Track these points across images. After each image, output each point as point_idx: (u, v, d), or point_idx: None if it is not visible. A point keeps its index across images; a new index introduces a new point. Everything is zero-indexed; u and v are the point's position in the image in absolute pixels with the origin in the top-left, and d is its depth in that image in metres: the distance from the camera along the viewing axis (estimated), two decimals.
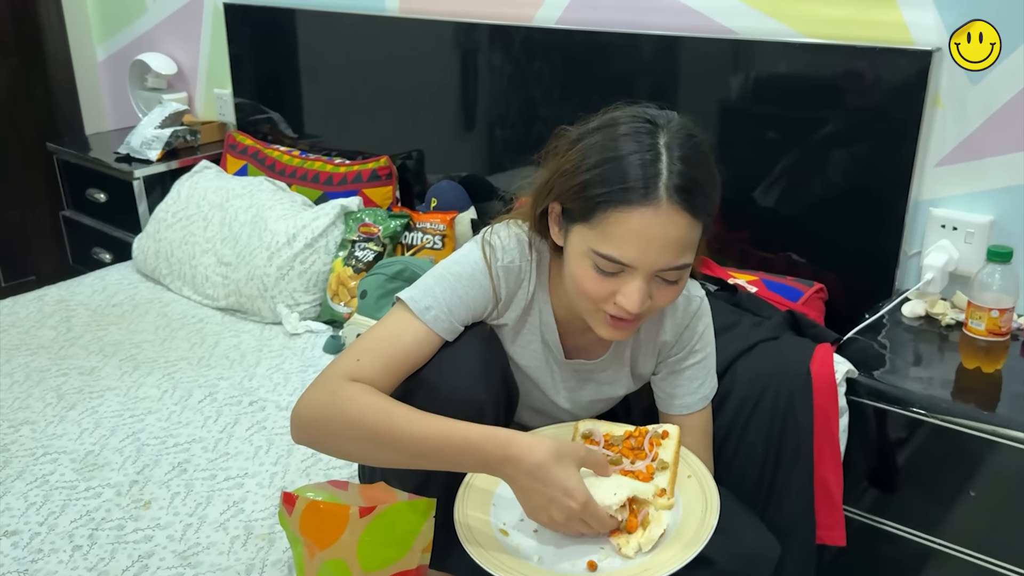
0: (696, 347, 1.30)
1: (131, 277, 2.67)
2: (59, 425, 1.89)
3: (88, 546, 1.52)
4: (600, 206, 1.05)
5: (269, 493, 1.66)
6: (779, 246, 1.87)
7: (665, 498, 1.14)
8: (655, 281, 1.09)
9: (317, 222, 2.30)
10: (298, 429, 1.15)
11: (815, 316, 1.71)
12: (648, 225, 1.03)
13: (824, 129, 1.74)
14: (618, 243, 1.05)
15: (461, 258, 1.23)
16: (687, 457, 1.23)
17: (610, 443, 1.24)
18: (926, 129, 1.63)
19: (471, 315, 1.21)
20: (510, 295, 1.24)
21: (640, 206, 1.03)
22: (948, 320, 1.59)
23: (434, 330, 1.17)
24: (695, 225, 1.06)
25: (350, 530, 1.09)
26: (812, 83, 1.74)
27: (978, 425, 1.31)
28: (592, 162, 1.07)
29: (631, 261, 1.06)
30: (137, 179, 2.76)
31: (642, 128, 1.07)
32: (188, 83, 3.11)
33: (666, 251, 1.05)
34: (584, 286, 1.11)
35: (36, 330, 2.33)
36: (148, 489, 1.68)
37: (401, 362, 1.16)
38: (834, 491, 1.39)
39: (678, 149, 1.05)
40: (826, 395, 1.39)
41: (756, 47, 1.79)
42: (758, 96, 1.83)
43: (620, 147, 1.06)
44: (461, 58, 2.24)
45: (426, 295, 1.19)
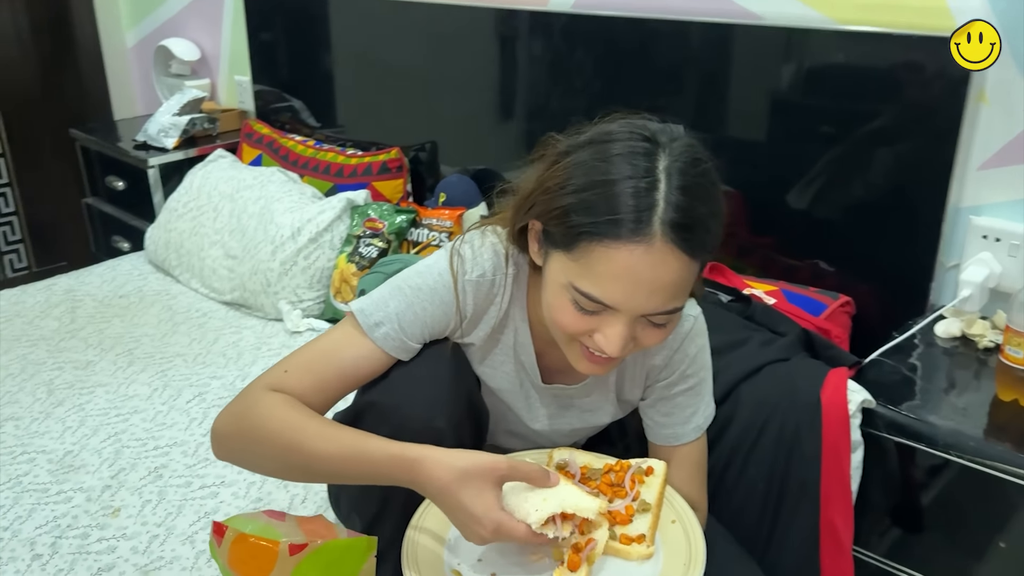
0: (688, 371, 1.16)
1: (142, 268, 2.61)
2: (43, 422, 1.83)
3: (49, 555, 1.45)
4: (584, 236, 0.91)
5: (244, 505, 1.57)
6: (805, 253, 1.71)
7: (644, 545, 1.01)
8: (641, 323, 0.96)
9: (322, 216, 2.21)
10: (215, 443, 1.06)
11: (839, 332, 1.55)
12: (637, 265, 0.89)
13: (855, 126, 1.58)
14: (601, 282, 0.91)
15: (425, 268, 1.10)
16: (673, 499, 1.09)
17: (587, 476, 1.11)
18: (968, 128, 1.45)
19: (429, 333, 1.09)
20: (479, 312, 1.11)
21: (629, 242, 0.88)
22: (986, 343, 1.42)
23: (382, 348, 1.06)
24: (692, 266, 0.92)
25: (279, 569, 0.98)
26: (842, 75, 1.58)
27: (1012, 469, 1.15)
28: (578, 184, 0.92)
29: (615, 303, 0.92)
30: (152, 167, 2.71)
31: (639, 148, 0.91)
32: (211, 69, 3.05)
33: (656, 295, 0.91)
34: (560, 319, 0.98)
35: (40, 320, 2.28)
36: (120, 495, 1.60)
37: (334, 380, 1.06)
38: (842, 535, 1.24)
39: (679, 176, 0.89)
40: (837, 427, 1.24)
41: (772, 35, 1.63)
42: (780, 90, 1.67)
43: (611, 170, 0.90)
44: (498, 46, 2.10)
45: (378, 309, 1.07)
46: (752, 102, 1.72)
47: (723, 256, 1.81)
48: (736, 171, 1.72)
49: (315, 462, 0.99)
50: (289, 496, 1.59)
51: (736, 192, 1.76)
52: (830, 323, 1.56)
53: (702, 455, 1.20)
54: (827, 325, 1.55)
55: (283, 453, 1.00)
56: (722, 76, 1.75)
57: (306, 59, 2.66)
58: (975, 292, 1.43)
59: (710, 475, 1.31)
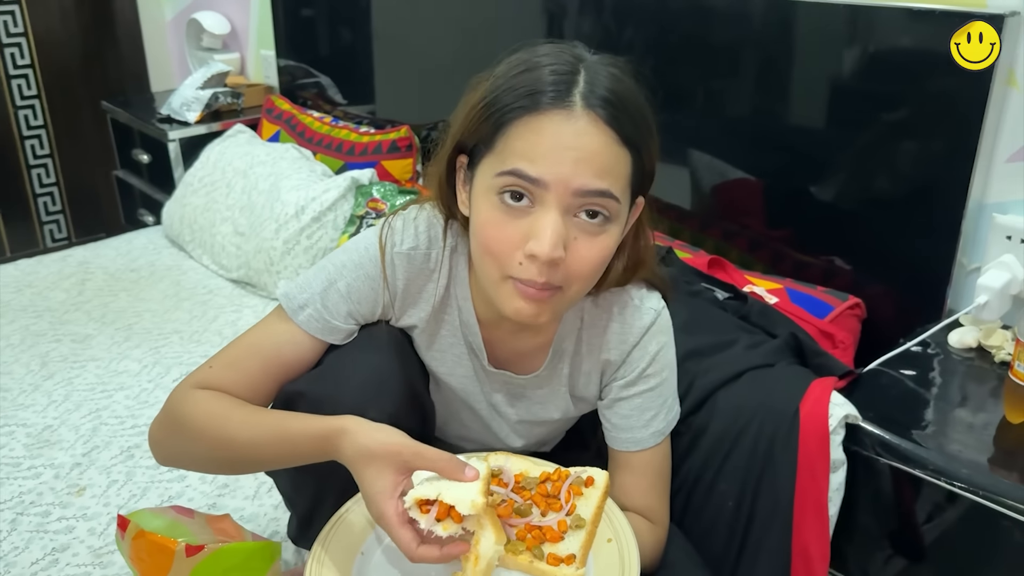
0: (648, 371, 1.05)
1: (157, 242, 2.60)
2: (31, 395, 1.81)
3: (7, 532, 1.43)
4: (506, 120, 0.87)
5: (209, 490, 1.53)
6: (816, 249, 1.57)
7: (573, 567, 0.92)
8: (572, 225, 0.87)
9: (327, 195, 2.15)
10: (153, 449, 1.04)
11: (844, 337, 1.42)
12: (559, 131, 0.85)
13: (870, 111, 1.43)
14: (526, 155, 0.86)
15: (352, 245, 1.03)
16: (612, 515, 0.99)
17: (521, 486, 1.02)
18: (994, 115, 1.30)
19: (356, 311, 1.02)
20: (413, 289, 1.03)
21: (550, 111, 0.85)
22: (1004, 355, 1.27)
23: (307, 331, 0.99)
24: (618, 148, 0.87)
25: (176, 569, 0.93)
26: (855, 54, 1.43)
27: (1007, 502, 1.02)
28: (499, 81, 0.89)
29: (539, 173, 0.85)
30: (173, 141, 2.69)
31: (563, 50, 0.91)
32: (241, 44, 3.02)
33: (582, 165, 0.85)
34: (488, 235, 0.89)
35: (49, 292, 2.28)
36: (88, 474, 1.58)
37: (258, 371, 1.00)
38: (816, 562, 1.12)
39: (604, 71, 0.89)
40: (815, 443, 1.12)
41: (792, 10, 1.49)
42: (794, 73, 1.53)
43: (534, 61, 0.89)
44: (545, 24, 1.98)
45: (303, 291, 1.01)
46: (768, 87, 1.58)
47: (732, 249, 1.69)
48: (754, 159, 1.63)
49: (242, 450, 0.96)
50: (256, 484, 1.54)
51: (753, 180, 1.64)
52: (835, 327, 1.43)
53: (664, 463, 1.10)
54: (832, 329, 1.42)
55: (212, 448, 0.97)
56: (738, 57, 1.61)
57: (332, 35, 2.60)
58: (993, 299, 1.28)
59: (680, 488, 1.21)
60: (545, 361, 1.07)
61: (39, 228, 3.49)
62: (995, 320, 1.31)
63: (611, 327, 1.04)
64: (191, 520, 1.01)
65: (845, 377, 1.23)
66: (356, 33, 2.50)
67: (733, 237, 1.70)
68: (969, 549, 1.10)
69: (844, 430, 1.13)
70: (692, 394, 1.23)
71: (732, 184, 1.68)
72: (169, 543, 0.92)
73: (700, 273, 1.53)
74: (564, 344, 1.06)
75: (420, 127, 2.33)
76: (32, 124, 3.36)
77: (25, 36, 3.25)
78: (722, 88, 1.65)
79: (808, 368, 1.25)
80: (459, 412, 1.14)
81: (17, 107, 3.31)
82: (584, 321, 1.05)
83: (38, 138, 3.39)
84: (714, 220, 1.73)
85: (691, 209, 1.76)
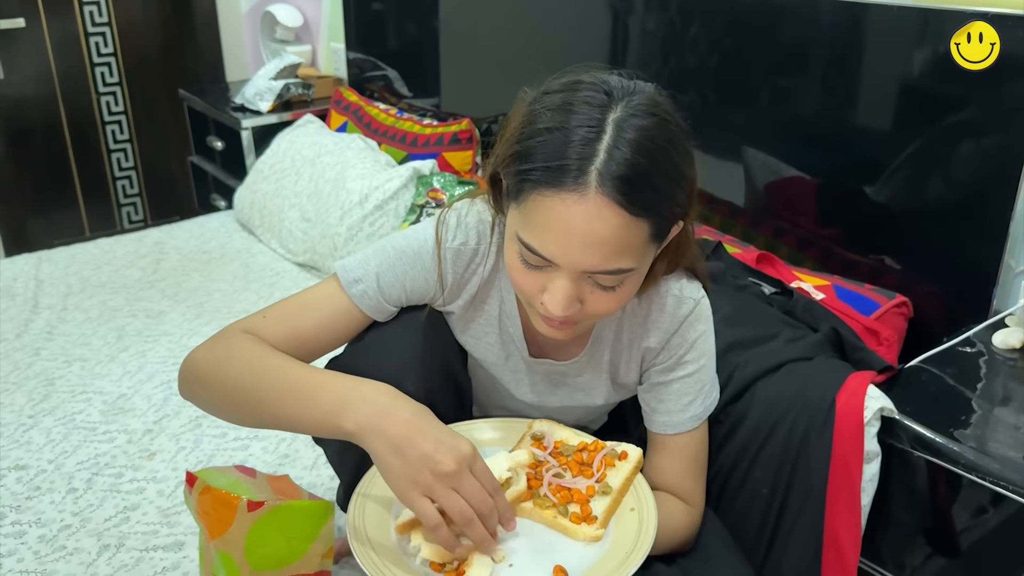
0: (686, 357, 1.09)
1: (229, 226, 2.72)
2: (107, 365, 1.93)
3: (83, 490, 1.54)
4: (526, 184, 0.88)
5: (271, 459, 1.62)
6: (866, 248, 1.59)
7: (594, 527, 0.97)
8: (587, 283, 0.91)
9: (390, 184, 2.22)
10: (181, 380, 1.05)
11: (889, 334, 1.43)
12: (570, 216, 0.85)
13: (923, 113, 1.45)
14: (538, 233, 0.88)
15: (412, 233, 1.09)
16: (639, 488, 1.04)
17: (559, 451, 1.08)
18: None
19: (408, 297, 1.08)
20: (461, 281, 1.09)
21: (563, 191, 0.85)
22: None
23: (358, 306, 1.05)
24: (634, 224, 0.86)
25: (238, 523, 1.00)
26: (912, 56, 1.44)
27: None
28: (529, 131, 0.89)
29: (550, 256, 0.88)
30: (246, 129, 2.80)
31: (595, 99, 0.87)
32: (313, 36, 3.12)
33: (591, 251, 0.86)
34: (513, 276, 0.95)
35: (126, 269, 2.41)
36: (159, 440, 1.68)
37: (309, 331, 1.05)
38: (846, 550, 1.15)
39: (631, 130, 0.85)
40: (849, 435, 1.14)
41: (808, 7, 1.51)
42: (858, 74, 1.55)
43: (561, 118, 0.87)
44: (611, 20, 1.99)
45: (360, 267, 1.07)
46: (826, 87, 1.60)
47: (782, 245, 1.71)
48: (808, 157, 1.65)
49: (270, 397, 0.97)
50: (315, 455, 1.62)
51: (806, 179, 1.66)
52: (881, 324, 1.45)
53: (700, 447, 1.13)
54: (877, 326, 1.44)
55: (242, 390, 0.99)
56: (798, 57, 1.63)
57: (400, 29, 2.68)
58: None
59: (717, 475, 1.25)
60: (585, 348, 1.12)
61: (117, 210, 3.66)
62: None
63: (651, 315, 1.08)
64: (253, 479, 1.08)
65: (884, 372, 1.25)
66: (422, 28, 2.57)
67: (784, 234, 1.72)
68: (1002, 544, 1.11)
69: (879, 423, 1.16)
70: (732, 384, 1.26)
71: (785, 182, 1.70)
72: (232, 498, 0.99)
73: (748, 268, 1.56)
74: (604, 332, 1.10)
75: (481, 120, 2.39)
76: (113, 110, 3.51)
77: (109, 26, 3.41)
78: (780, 87, 1.68)
79: (847, 362, 1.27)
80: (495, 387, 1.20)
81: (100, 94, 3.47)
82: (625, 310, 1.09)
83: (118, 124, 3.54)
84: (766, 217, 1.75)
85: (744, 206, 1.79)
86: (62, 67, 3.35)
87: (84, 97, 3.44)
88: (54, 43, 3.31)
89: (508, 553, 0.95)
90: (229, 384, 1.00)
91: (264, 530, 1.00)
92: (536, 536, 0.98)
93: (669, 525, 1.05)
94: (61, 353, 1.98)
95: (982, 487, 1.08)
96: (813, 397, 1.18)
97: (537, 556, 0.95)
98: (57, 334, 2.06)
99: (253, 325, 1.05)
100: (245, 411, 1.00)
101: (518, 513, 0.99)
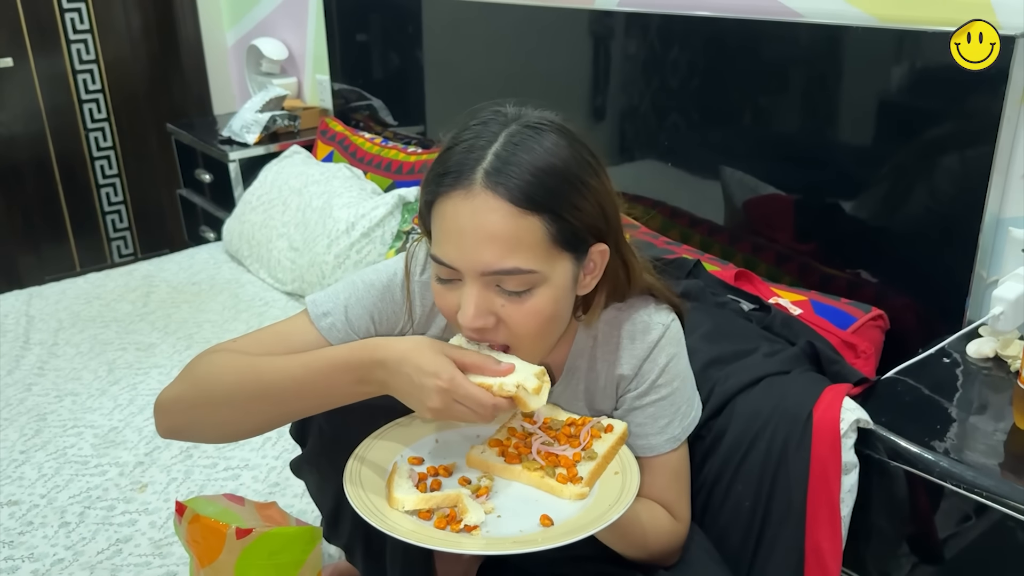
0: (659, 381, 1.11)
1: (218, 257, 2.74)
2: (98, 399, 1.94)
3: (76, 524, 1.55)
4: (428, 202, 0.95)
5: (262, 488, 1.63)
6: (842, 263, 1.62)
7: (579, 486, 1.00)
8: (495, 293, 0.94)
9: (376, 211, 2.25)
10: (160, 416, 1.04)
11: (867, 347, 1.46)
12: (459, 215, 0.90)
13: (892, 130, 1.49)
14: (440, 241, 0.94)
15: (383, 267, 1.12)
16: (624, 455, 1.07)
17: (549, 426, 1.10)
18: (1008, 132, 1.34)
19: (377, 330, 1.10)
20: (430, 314, 1.11)
21: (452, 192, 0.91)
22: (1019, 365, 1.31)
23: (327, 339, 1.07)
24: (524, 219, 0.89)
25: (227, 550, 1.02)
26: (875, 74, 1.48)
27: (1013, 504, 1.05)
28: (435, 160, 0.96)
29: (450, 260, 0.92)
30: (233, 162, 2.83)
31: (492, 120, 0.95)
32: (298, 68, 3.16)
33: (483, 247, 0.90)
34: (436, 301, 1.00)
35: (116, 303, 2.43)
36: (150, 472, 1.69)
37: (282, 354, 1.06)
38: (828, 561, 1.17)
39: (520, 135, 0.92)
40: (827, 447, 1.17)
41: (813, 32, 1.55)
42: (818, 92, 1.59)
43: (457, 138, 0.94)
44: (591, 46, 2.03)
45: (329, 300, 1.09)
46: (799, 107, 1.64)
47: (760, 262, 1.74)
48: (784, 176, 1.68)
49: (275, 387, 0.98)
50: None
51: (782, 196, 1.69)
52: (858, 337, 1.48)
53: (681, 466, 1.15)
54: (854, 339, 1.47)
55: (239, 392, 0.99)
56: (765, 77, 1.67)
57: (384, 60, 2.71)
58: (1008, 310, 1.31)
59: (700, 489, 1.27)
60: (560, 378, 1.14)
61: (107, 244, 3.68)
62: (1011, 330, 1.34)
63: (622, 344, 1.10)
64: (241, 507, 1.10)
65: (860, 384, 1.27)
66: (406, 57, 2.61)
67: (761, 251, 1.75)
68: (979, 551, 1.13)
69: (856, 434, 1.18)
70: (713, 399, 1.28)
71: (762, 200, 1.74)
72: (221, 527, 1.01)
73: (727, 285, 1.58)
74: (577, 362, 1.12)
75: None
76: (102, 146, 3.55)
77: (96, 63, 3.45)
78: (755, 107, 1.71)
79: (824, 375, 1.30)
80: None
81: (88, 130, 3.50)
82: (597, 340, 1.11)
83: (107, 159, 3.58)
84: (744, 234, 1.78)
85: (723, 224, 1.82)
86: (50, 104, 3.39)
87: (73, 133, 3.47)
88: (42, 81, 3.35)
89: (497, 506, 0.98)
90: (224, 398, 1.00)
91: (253, 557, 1.02)
92: (525, 493, 1.01)
93: (654, 524, 1.07)
94: (52, 388, 1.99)
95: (959, 495, 1.10)
96: (791, 410, 1.20)
97: (525, 509, 0.98)
98: (48, 369, 2.07)
99: (227, 348, 1.06)
100: (244, 424, 1.01)
101: (507, 475, 1.02)
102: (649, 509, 1.08)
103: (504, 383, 0.91)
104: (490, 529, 0.94)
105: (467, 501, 0.96)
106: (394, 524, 0.90)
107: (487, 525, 0.95)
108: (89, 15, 3.39)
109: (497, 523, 0.96)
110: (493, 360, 0.94)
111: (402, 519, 0.93)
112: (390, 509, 0.93)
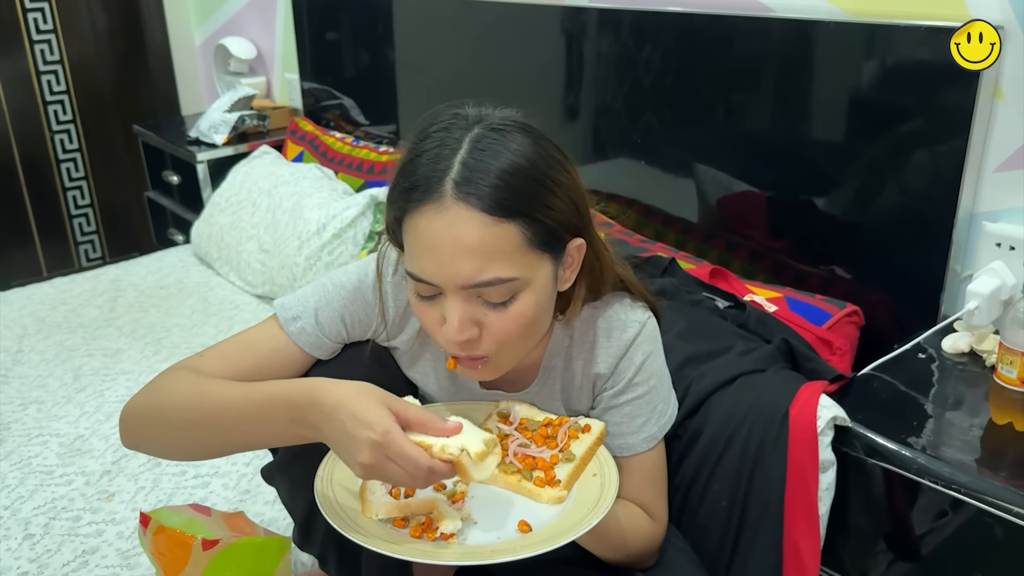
0: (636, 380, 1.09)
1: (186, 260, 2.69)
2: (64, 407, 1.90)
3: (40, 535, 1.51)
4: (400, 216, 0.91)
5: (232, 496, 1.59)
6: (816, 259, 1.61)
7: (556, 490, 0.98)
8: (479, 304, 0.92)
9: (347, 212, 2.22)
10: (121, 427, 1.03)
11: (842, 344, 1.45)
12: (433, 229, 0.87)
13: (864, 125, 1.48)
14: (415, 257, 0.90)
15: (354, 268, 1.09)
16: (602, 456, 1.05)
17: (525, 427, 1.08)
18: (981, 126, 1.34)
19: (349, 332, 1.08)
20: (404, 315, 1.09)
21: (423, 206, 0.87)
22: (994, 360, 1.30)
23: (297, 344, 1.05)
24: (499, 227, 0.87)
25: (193, 562, 0.99)
26: (850, 69, 1.48)
27: (989, 499, 1.05)
28: (398, 170, 0.92)
29: (429, 277, 0.90)
30: (201, 163, 2.79)
31: (453, 125, 0.91)
32: (267, 67, 3.12)
33: (461, 260, 0.87)
34: (417, 317, 0.97)
35: (83, 308, 2.38)
36: (117, 481, 1.65)
37: (249, 370, 1.03)
38: (806, 559, 1.16)
39: (484, 140, 0.89)
40: (804, 445, 1.16)
41: (783, 27, 1.54)
42: (789, 87, 1.58)
43: (422, 146, 0.90)
44: (564, 43, 2.00)
45: (299, 303, 1.07)
46: (770, 104, 1.63)
47: (735, 259, 1.74)
48: (757, 172, 1.67)
49: (217, 420, 0.95)
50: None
51: (756, 193, 1.68)
52: (833, 333, 1.47)
53: (658, 465, 1.13)
54: (829, 336, 1.46)
55: (184, 415, 0.96)
56: (738, 73, 1.66)
57: (355, 58, 2.68)
58: (983, 304, 1.31)
59: (677, 489, 1.26)
60: (536, 378, 1.12)
61: (74, 248, 3.61)
62: (986, 325, 1.34)
63: (599, 342, 1.08)
64: (208, 517, 1.07)
65: (836, 381, 1.27)
66: (377, 56, 2.58)
67: (736, 248, 1.74)
68: (956, 547, 1.13)
69: (832, 432, 1.17)
70: (688, 399, 1.27)
71: (736, 197, 1.73)
72: (187, 538, 0.98)
73: (702, 283, 1.57)
74: (553, 361, 1.10)
75: None
76: (68, 148, 3.48)
77: (61, 64, 3.38)
78: (728, 104, 1.70)
79: (799, 372, 1.29)
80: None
81: (53, 132, 3.43)
82: (573, 339, 1.09)
83: (73, 161, 3.51)
84: (718, 232, 1.77)
85: (697, 222, 1.81)
86: (14, 106, 3.32)
87: (38, 136, 3.40)
88: (5, 83, 3.28)
89: (473, 512, 0.96)
90: (174, 420, 0.98)
91: (220, 568, 0.99)
92: (501, 498, 0.99)
93: (632, 526, 1.05)
94: (16, 396, 1.94)
95: (936, 491, 1.10)
96: (767, 409, 1.19)
97: (502, 514, 0.96)
98: (12, 377, 2.02)
99: (191, 365, 1.04)
100: (193, 447, 0.99)
101: None
102: (627, 511, 1.06)
103: (447, 444, 0.85)
104: (467, 536, 0.92)
105: (443, 507, 0.93)
106: (368, 535, 0.88)
107: (464, 532, 0.93)
108: (53, 15, 3.33)
109: (474, 530, 0.94)
110: (439, 419, 0.87)
111: (376, 528, 0.90)
112: (364, 518, 0.91)
